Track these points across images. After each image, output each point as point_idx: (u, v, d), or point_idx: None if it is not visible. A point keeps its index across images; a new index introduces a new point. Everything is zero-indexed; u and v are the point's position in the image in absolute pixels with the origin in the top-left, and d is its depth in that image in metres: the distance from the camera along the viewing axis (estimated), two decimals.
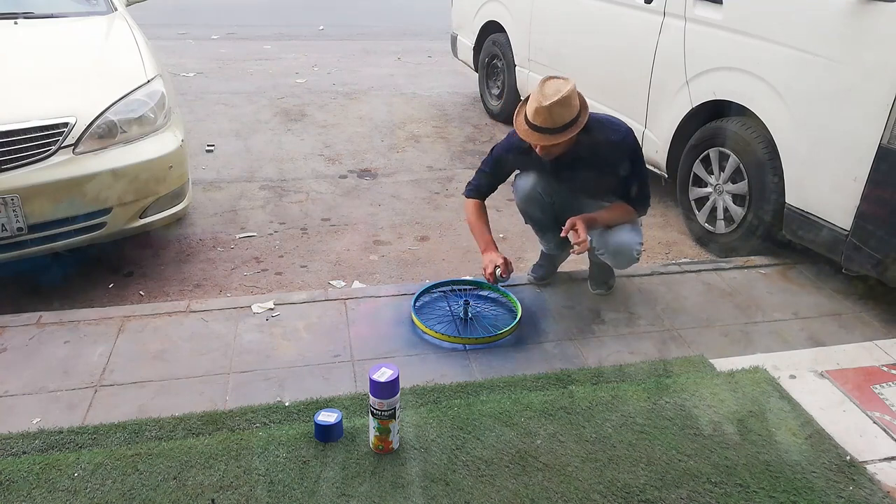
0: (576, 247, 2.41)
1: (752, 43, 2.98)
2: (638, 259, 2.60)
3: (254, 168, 4.38)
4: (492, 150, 2.66)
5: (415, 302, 2.65)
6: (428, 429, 1.99)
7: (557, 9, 4.51)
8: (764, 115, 2.97)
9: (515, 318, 2.57)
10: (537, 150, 2.37)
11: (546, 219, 2.69)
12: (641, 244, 2.59)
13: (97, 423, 1.99)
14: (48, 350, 2.35)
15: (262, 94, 6.07)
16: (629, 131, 2.47)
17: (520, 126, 2.35)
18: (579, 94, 2.33)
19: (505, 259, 2.56)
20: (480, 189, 2.68)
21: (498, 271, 2.55)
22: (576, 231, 2.39)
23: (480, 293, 2.78)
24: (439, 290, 2.79)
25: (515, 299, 2.68)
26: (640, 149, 2.54)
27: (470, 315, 2.60)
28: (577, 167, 2.48)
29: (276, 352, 2.38)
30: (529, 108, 2.29)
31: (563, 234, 2.46)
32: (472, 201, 2.69)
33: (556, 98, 2.22)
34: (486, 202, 2.73)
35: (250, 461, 1.85)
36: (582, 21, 4.21)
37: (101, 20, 3.55)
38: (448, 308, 2.67)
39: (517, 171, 2.69)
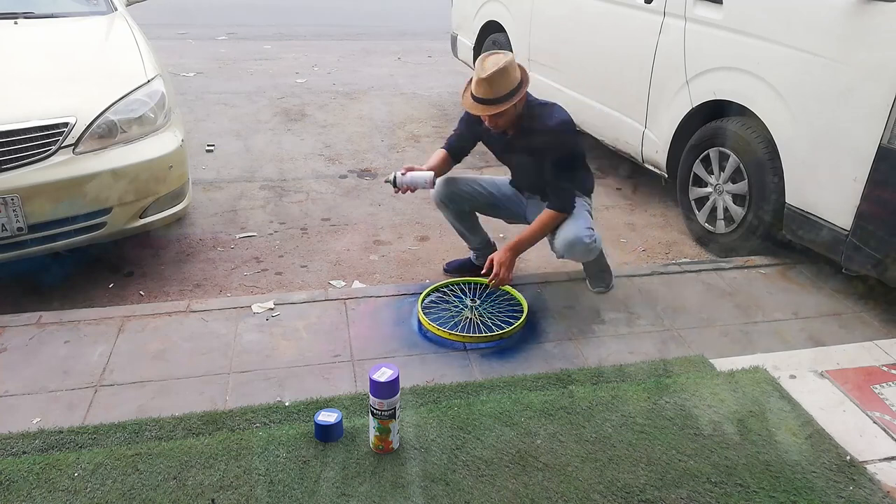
0: (493, 281, 2.58)
1: (752, 43, 2.98)
2: (594, 245, 2.58)
3: (254, 168, 4.38)
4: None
5: (422, 301, 2.65)
6: (428, 429, 1.99)
7: (557, 9, 4.50)
8: (764, 115, 2.97)
9: (520, 316, 2.57)
10: (489, 124, 2.51)
11: (459, 217, 2.88)
12: (591, 229, 2.59)
13: (97, 423, 1.99)
14: (48, 350, 2.35)
15: (262, 94, 6.06)
16: (565, 121, 2.53)
17: (466, 101, 2.50)
18: (520, 67, 2.48)
19: (410, 168, 2.68)
20: (450, 143, 2.83)
21: (393, 175, 2.67)
22: (495, 269, 2.56)
23: (487, 292, 2.78)
24: (446, 288, 2.79)
25: (523, 298, 2.68)
26: (573, 142, 2.58)
27: (476, 314, 2.60)
28: (517, 147, 2.61)
29: (276, 352, 2.38)
30: (473, 82, 2.45)
31: (483, 272, 2.61)
32: (440, 150, 2.84)
33: (494, 69, 2.36)
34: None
35: (250, 461, 1.85)
36: (582, 21, 4.21)
37: (102, 20, 3.55)
38: (454, 307, 2.67)
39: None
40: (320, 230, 3.56)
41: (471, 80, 2.50)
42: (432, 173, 2.70)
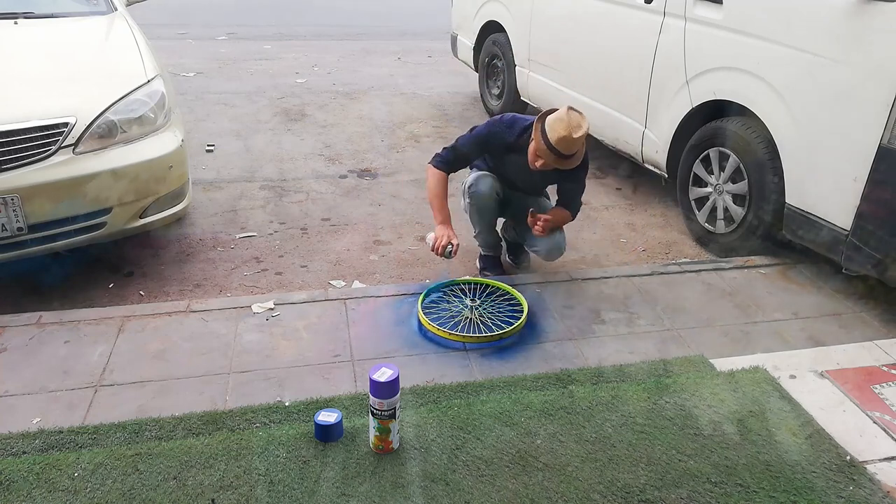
0: (538, 226, 2.73)
1: (752, 43, 2.98)
2: (563, 251, 2.97)
3: (254, 168, 4.38)
4: (475, 131, 2.80)
5: (422, 301, 2.65)
6: (428, 429, 1.99)
7: (558, 9, 4.51)
8: (764, 115, 2.97)
9: (520, 317, 2.57)
10: (538, 164, 2.61)
11: (495, 215, 2.97)
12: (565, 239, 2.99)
13: (97, 423, 1.99)
14: (48, 350, 2.35)
15: (262, 94, 6.07)
16: (586, 153, 2.76)
17: (540, 146, 2.56)
18: None
19: (456, 240, 2.72)
20: (450, 164, 2.83)
21: (450, 247, 2.67)
22: (541, 221, 2.73)
23: (488, 292, 2.79)
24: (446, 288, 2.79)
25: (523, 298, 2.68)
26: (587, 168, 2.85)
27: (476, 314, 2.60)
28: (543, 172, 2.71)
29: (276, 352, 2.38)
30: (555, 134, 2.51)
31: (530, 221, 2.75)
32: (439, 172, 2.81)
33: (580, 133, 2.51)
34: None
35: (250, 461, 1.85)
36: (582, 21, 4.21)
37: (102, 20, 3.55)
38: (454, 307, 2.67)
39: (477, 168, 2.94)
40: (320, 230, 3.56)
41: (542, 125, 2.56)
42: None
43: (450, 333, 2.46)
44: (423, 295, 2.69)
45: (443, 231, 2.72)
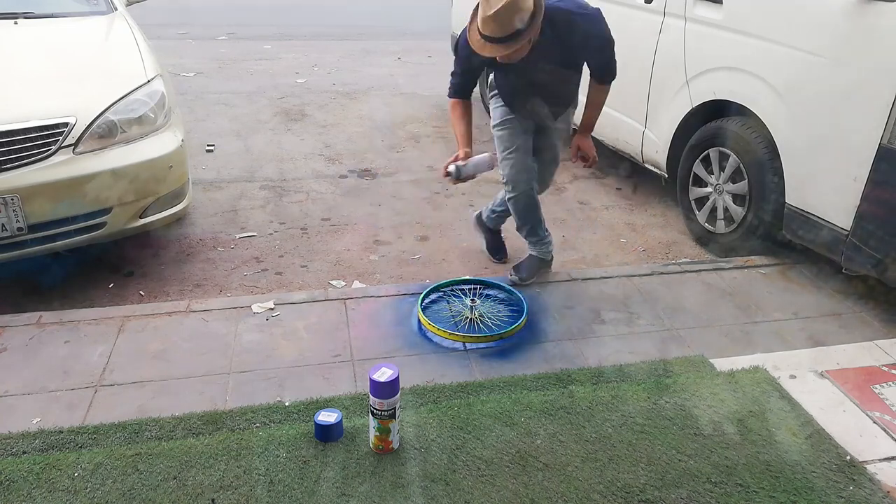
0: (590, 161, 2.81)
1: (752, 43, 2.98)
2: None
3: (254, 168, 4.38)
4: (457, 48, 2.57)
5: (422, 301, 2.65)
6: (428, 429, 1.99)
7: None
8: (764, 115, 2.97)
9: (520, 317, 2.57)
10: (499, 57, 2.27)
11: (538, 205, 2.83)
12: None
13: (97, 423, 1.99)
14: (48, 350, 2.35)
15: (262, 94, 6.06)
16: (584, 4, 2.42)
17: (474, 41, 2.26)
18: None
19: (467, 153, 2.57)
20: (460, 89, 2.68)
21: (452, 167, 2.53)
22: (584, 155, 2.79)
23: (487, 292, 2.79)
24: (446, 288, 2.79)
25: (522, 298, 2.68)
26: (602, 18, 2.43)
27: (476, 314, 2.60)
28: (541, 59, 2.35)
29: (276, 352, 2.38)
30: (479, 19, 2.17)
31: (573, 160, 2.81)
32: (455, 101, 2.69)
33: (501, 5, 2.08)
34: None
35: (250, 461, 1.85)
36: None
37: (102, 20, 3.55)
38: (454, 307, 2.67)
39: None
40: (320, 230, 3.56)
41: (476, 9, 2.21)
42: (489, 154, 2.63)
43: (450, 333, 2.46)
44: (423, 295, 2.69)
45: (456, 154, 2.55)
